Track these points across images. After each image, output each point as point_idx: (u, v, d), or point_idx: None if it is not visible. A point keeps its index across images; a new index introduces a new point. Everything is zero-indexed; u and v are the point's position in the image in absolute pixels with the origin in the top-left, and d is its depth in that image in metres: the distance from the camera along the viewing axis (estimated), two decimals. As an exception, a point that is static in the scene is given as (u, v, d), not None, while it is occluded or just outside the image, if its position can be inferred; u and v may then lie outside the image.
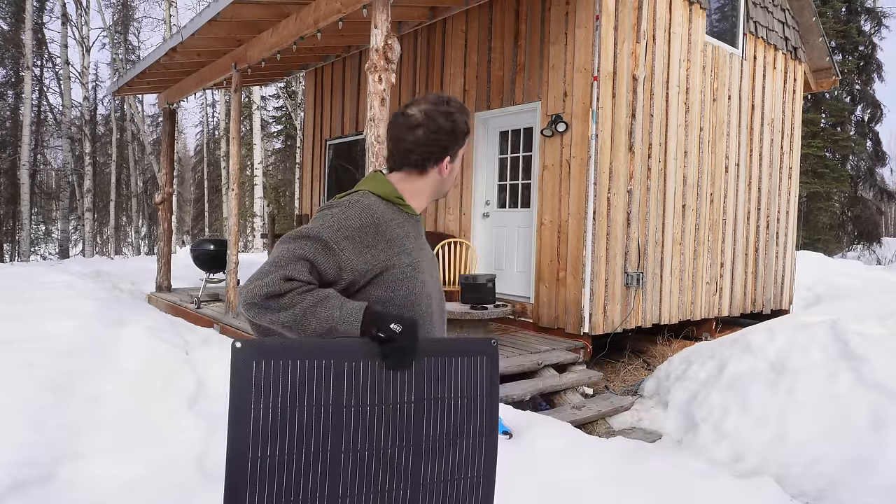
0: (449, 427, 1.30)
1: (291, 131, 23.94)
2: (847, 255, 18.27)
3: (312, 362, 1.18)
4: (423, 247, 1.49)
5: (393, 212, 1.44)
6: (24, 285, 6.16)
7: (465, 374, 1.33)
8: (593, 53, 5.25)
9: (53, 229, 23.25)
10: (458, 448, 1.31)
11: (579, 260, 5.31)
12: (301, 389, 1.16)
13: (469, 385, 1.33)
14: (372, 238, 1.36)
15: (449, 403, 1.30)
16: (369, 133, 4.29)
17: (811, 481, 3.59)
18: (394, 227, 1.40)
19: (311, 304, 1.27)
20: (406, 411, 1.25)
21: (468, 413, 1.33)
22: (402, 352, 1.24)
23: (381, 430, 1.23)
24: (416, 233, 1.48)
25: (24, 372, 3.66)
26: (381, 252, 1.37)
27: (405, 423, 1.25)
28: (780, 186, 7.61)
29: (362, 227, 1.35)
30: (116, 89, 8.91)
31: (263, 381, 1.14)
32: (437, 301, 1.51)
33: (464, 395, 1.32)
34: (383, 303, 1.37)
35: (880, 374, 4.05)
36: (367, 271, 1.36)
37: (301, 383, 1.16)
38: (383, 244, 1.37)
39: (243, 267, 11.12)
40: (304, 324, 1.28)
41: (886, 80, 19.21)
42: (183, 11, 36.56)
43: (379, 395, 1.23)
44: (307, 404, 1.17)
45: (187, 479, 2.96)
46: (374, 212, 1.39)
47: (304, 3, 5.30)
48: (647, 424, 4.67)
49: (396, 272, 1.39)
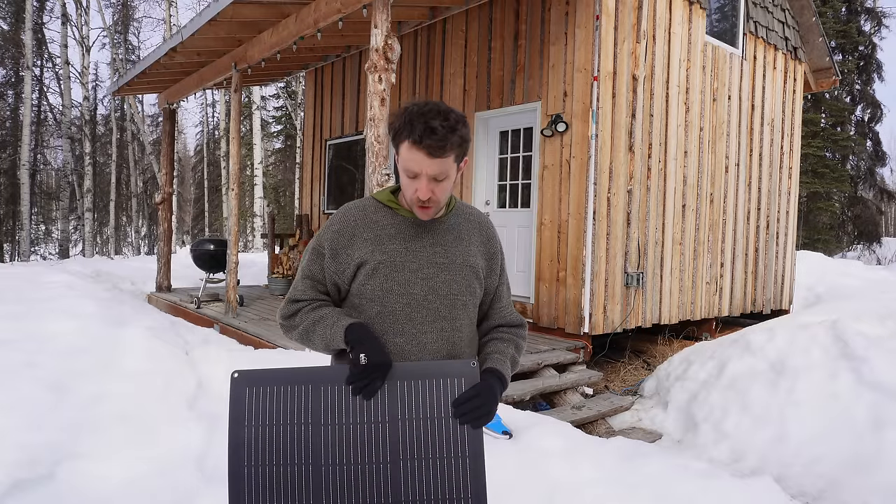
0: (428, 447, 1.36)
1: (291, 131, 23.95)
2: (847, 255, 18.26)
3: (295, 387, 1.38)
4: (415, 248, 1.52)
5: (382, 214, 1.55)
6: (24, 285, 6.16)
7: (443, 396, 1.38)
8: (593, 53, 5.25)
9: (53, 229, 23.27)
10: (441, 468, 1.35)
11: (579, 260, 5.31)
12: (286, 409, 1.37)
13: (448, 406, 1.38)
14: (348, 239, 1.52)
15: (426, 424, 1.37)
16: (369, 133, 4.30)
17: (811, 481, 3.59)
18: (375, 229, 1.53)
19: (311, 324, 1.52)
20: (381, 430, 1.36)
21: (449, 434, 1.37)
22: (357, 381, 1.37)
23: (359, 447, 1.36)
24: (412, 233, 1.53)
25: (24, 372, 3.66)
26: (355, 250, 1.51)
27: (381, 441, 1.36)
28: (780, 186, 7.61)
29: (340, 230, 1.54)
30: (116, 89, 8.91)
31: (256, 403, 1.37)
32: (422, 299, 1.51)
33: (443, 416, 1.37)
34: (358, 295, 1.52)
35: (880, 374, 4.05)
36: (345, 268, 1.52)
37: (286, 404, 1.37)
38: (359, 243, 1.51)
39: (243, 267, 11.13)
40: (310, 340, 1.54)
41: (886, 80, 19.22)
42: (183, 11, 36.59)
43: (354, 414, 1.37)
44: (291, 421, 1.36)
45: (187, 479, 2.96)
46: (350, 216, 1.55)
47: (304, 3, 5.30)
48: (647, 424, 4.67)
49: (368, 268, 1.50)
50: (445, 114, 1.41)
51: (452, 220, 1.59)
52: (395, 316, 1.49)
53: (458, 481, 1.34)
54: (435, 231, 1.55)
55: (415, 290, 1.50)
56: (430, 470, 1.34)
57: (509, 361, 1.57)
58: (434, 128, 1.38)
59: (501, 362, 1.54)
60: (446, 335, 1.53)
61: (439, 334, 1.52)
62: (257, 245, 22.10)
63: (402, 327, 1.49)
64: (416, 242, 1.52)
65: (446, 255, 1.54)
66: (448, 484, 1.34)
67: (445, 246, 1.55)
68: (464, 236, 1.59)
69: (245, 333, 5.74)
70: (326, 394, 1.38)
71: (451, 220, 1.59)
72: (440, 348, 1.52)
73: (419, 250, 1.52)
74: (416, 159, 1.40)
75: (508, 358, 1.57)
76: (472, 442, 1.36)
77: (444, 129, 1.39)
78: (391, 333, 1.49)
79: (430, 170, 1.41)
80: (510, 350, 1.60)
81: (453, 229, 1.58)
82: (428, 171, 1.42)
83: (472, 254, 1.58)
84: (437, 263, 1.53)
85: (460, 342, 1.55)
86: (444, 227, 1.57)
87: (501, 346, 1.59)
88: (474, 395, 1.39)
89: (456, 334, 1.54)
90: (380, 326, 1.49)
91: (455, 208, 1.61)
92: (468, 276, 1.56)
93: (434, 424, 1.36)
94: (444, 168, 1.42)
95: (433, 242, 1.54)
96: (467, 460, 1.35)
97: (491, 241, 1.65)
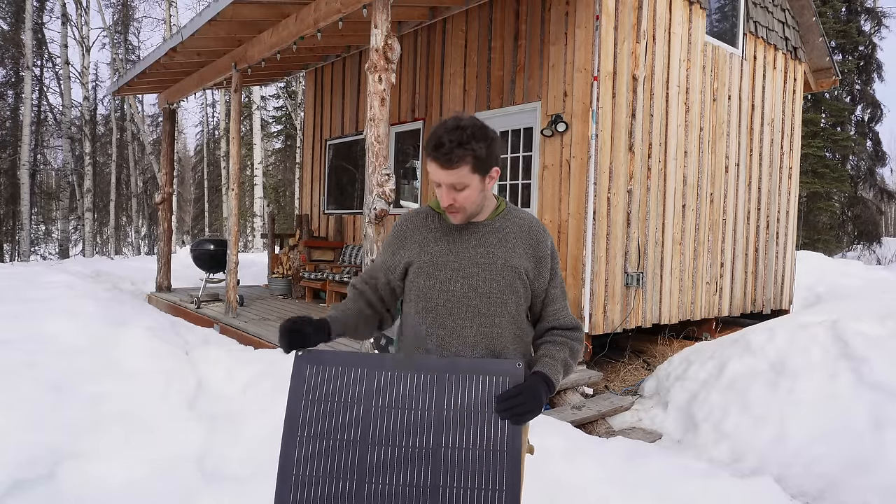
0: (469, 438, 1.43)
1: (291, 131, 23.95)
2: (847, 254, 18.26)
3: (352, 370, 1.51)
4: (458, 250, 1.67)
5: (432, 220, 1.74)
6: (24, 285, 6.16)
7: (487, 392, 1.47)
8: (593, 53, 5.25)
9: (53, 229, 23.26)
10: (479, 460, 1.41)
11: (579, 260, 5.31)
12: (341, 389, 1.49)
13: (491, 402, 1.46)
14: (400, 241, 1.75)
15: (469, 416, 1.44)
16: (369, 133, 4.29)
17: (811, 481, 3.59)
18: (424, 233, 1.72)
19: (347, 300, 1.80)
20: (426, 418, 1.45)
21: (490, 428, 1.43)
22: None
23: (404, 432, 1.45)
24: (456, 236, 1.69)
25: (24, 372, 3.66)
26: (406, 251, 1.72)
27: (425, 429, 1.45)
28: (780, 186, 7.61)
29: (395, 234, 1.78)
30: (116, 89, 8.91)
31: (315, 380, 1.50)
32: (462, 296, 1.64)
33: (485, 410, 1.45)
34: (409, 291, 1.72)
35: (880, 374, 4.05)
36: (396, 266, 1.74)
37: (342, 384, 1.50)
38: (410, 245, 1.72)
39: (243, 267, 11.12)
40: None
41: (886, 80, 19.22)
42: (183, 11, 36.60)
43: (403, 400, 1.47)
44: (345, 400, 1.48)
45: (187, 480, 2.96)
46: (404, 221, 1.78)
47: (304, 3, 5.30)
48: (647, 424, 4.67)
49: (415, 267, 1.69)
50: (460, 130, 1.54)
51: (498, 224, 1.71)
52: (437, 311, 1.65)
53: (495, 473, 1.40)
54: (479, 234, 1.68)
55: (455, 287, 1.64)
56: (470, 460, 1.41)
57: (560, 366, 1.64)
58: (442, 143, 1.53)
59: (551, 366, 1.61)
60: (485, 330, 1.64)
61: (478, 329, 1.63)
62: (257, 245, 22.10)
63: (444, 321, 1.64)
64: (460, 245, 1.67)
65: (488, 255, 1.66)
66: (485, 475, 1.40)
67: (488, 247, 1.67)
68: (509, 239, 1.69)
69: (245, 333, 5.74)
70: (380, 379, 1.49)
71: (496, 224, 1.70)
72: (479, 342, 1.63)
73: (462, 251, 1.67)
74: (433, 170, 1.57)
75: (559, 362, 1.64)
76: (511, 438, 1.42)
77: (450, 144, 1.52)
78: (434, 326, 1.65)
79: (447, 179, 1.56)
80: (562, 354, 1.66)
81: (498, 232, 1.69)
82: (445, 181, 1.56)
83: (517, 255, 1.68)
84: (478, 263, 1.65)
85: (500, 338, 1.65)
86: (489, 230, 1.69)
87: (553, 350, 1.67)
88: (517, 394, 1.46)
89: (495, 330, 1.65)
90: (424, 320, 1.66)
91: (504, 212, 1.73)
92: (509, 276, 1.65)
93: (476, 418, 1.44)
94: (459, 178, 1.55)
95: (476, 244, 1.67)
96: (505, 455, 1.41)
97: (539, 244, 1.73)
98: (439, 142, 1.52)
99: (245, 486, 2.81)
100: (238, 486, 2.83)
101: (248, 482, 2.84)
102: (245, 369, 4.06)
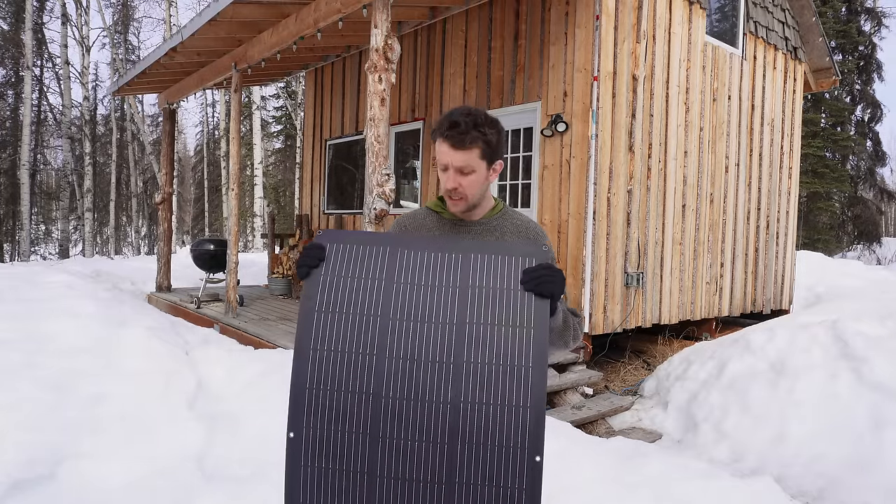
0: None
1: (291, 131, 23.96)
2: (847, 254, 18.27)
3: (373, 248, 1.47)
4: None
5: (430, 218, 1.74)
6: (24, 285, 6.16)
7: (513, 271, 1.42)
8: (593, 53, 5.25)
9: (53, 229, 23.27)
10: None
11: (579, 260, 5.31)
12: (363, 266, 1.45)
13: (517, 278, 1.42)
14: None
15: (495, 295, 1.40)
16: (369, 133, 4.30)
17: (811, 481, 3.59)
18: (421, 230, 1.73)
19: None
20: (450, 293, 1.41)
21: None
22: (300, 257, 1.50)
23: (427, 305, 1.41)
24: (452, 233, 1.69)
25: (24, 372, 3.66)
26: None
27: (449, 303, 1.40)
28: (780, 186, 7.61)
29: (394, 230, 1.79)
30: (116, 89, 8.91)
31: (335, 257, 1.47)
32: None
33: (511, 288, 1.40)
34: None
35: (880, 374, 4.05)
36: None
37: (362, 260, 1.46)
38: None
39: (243, 267, 11.13)
40: None
41: (886, 80, 19.23)
42: (183, 11, 36.61)
43: (427, 275, 1.43)
44: (367, 276, 1.45)
45: (187, 479, 2.96)
46: (402, 219, 1.79)
47: (304, 3, 5.30)
48: (647, 424, 4.67)
49: None
50: (473, 113, 1.56)
51: (496, 223, 1.71)
52: None
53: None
54: (475, 231, 1.69)
55: None
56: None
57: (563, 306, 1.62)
58: (457, 122, 1.54)
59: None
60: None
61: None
62: (257, 245, 22.10)
63: None
64: (451, 238, 1.67)
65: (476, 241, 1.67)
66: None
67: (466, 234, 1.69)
68: (506, 237, 1.70)
69: (245, 333, 5.74)
70: (402, 257, 1.46)
71: (494, 222, 1.71)
72: None
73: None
74: (443, 151, 1.57)
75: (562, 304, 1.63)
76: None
77: (466, 125, 1.54)
78: None
79: (456, 161, 1.56)
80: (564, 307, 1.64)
81: (496, 230, 1.70)
82: (454, 163, 1.57)
83: None
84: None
85: None
86: (487, 229, 1.69)
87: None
88: (545, 267, 1.44)
89: None
90: None
91: (502, 213, 1.74)
92: None
93: (502, 297, 1.40)
94: (468, 161, 1.56)
95: (458, 234, 1.69)
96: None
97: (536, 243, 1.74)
98: (454, 122, 1.55)
99: (245, 486, 2.81)
100: (238, 486, 2.83)
101: (248, 482, 2.84)
102: (245, 369, 4.06)
